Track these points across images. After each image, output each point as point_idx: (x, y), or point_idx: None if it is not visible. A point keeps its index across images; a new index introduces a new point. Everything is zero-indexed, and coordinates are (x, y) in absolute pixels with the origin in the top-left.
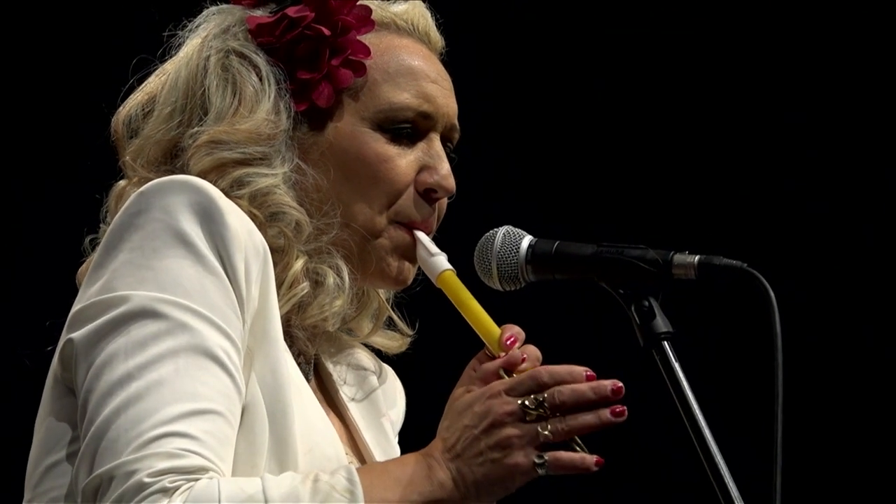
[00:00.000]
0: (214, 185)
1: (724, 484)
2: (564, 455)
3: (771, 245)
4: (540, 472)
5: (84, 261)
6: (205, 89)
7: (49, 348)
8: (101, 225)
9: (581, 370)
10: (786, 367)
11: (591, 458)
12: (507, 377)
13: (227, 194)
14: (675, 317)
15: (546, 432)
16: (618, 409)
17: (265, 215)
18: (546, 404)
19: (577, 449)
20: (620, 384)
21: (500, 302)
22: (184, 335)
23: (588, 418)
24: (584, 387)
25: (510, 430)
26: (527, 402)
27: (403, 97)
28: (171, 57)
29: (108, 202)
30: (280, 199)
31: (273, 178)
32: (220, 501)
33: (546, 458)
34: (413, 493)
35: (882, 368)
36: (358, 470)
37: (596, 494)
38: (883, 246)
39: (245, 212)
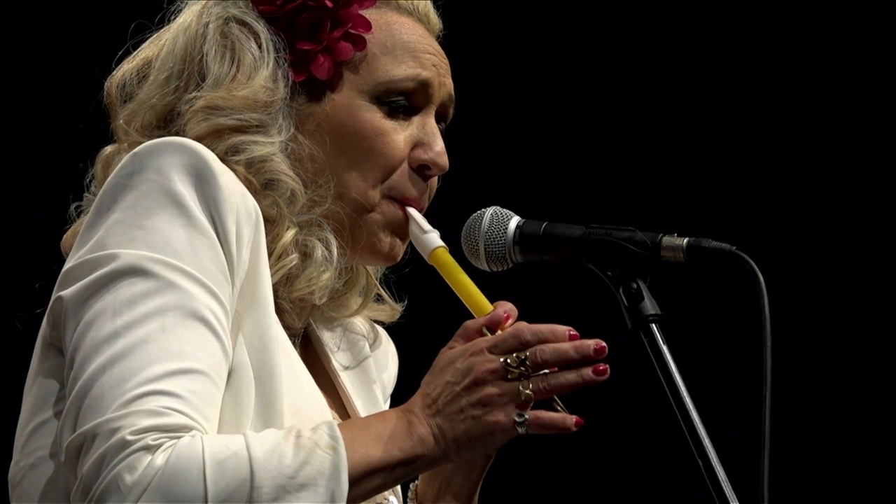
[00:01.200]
0: (211, 149)
1: (712, 467)
2: (545, 414)
3: (760, 228)
4: (520, 430)
5: (68, 227)
6: (203, 55)
7: (39, 310)
8: (86, 193)
9: (564, 329)
10: (774, 351)
11: (570, 419)
12: (490, 335)
13: (223, 159)
14: (663, 299)
15: (527, 391)
16: (600, 368)
17: (260, 182)
18: (528, 362)
19: (558, 409)
20: (603, 343)
21: (492, 283)
22: (172, 294)
23: (570, 377)
24: (566, 345)
25: (491, 388)
26: (509, 360)
27: (401, 69)
28: (168, 23)
29: (94, 168)
30: (277, 167)
31: (270, 146)
32: (203, 458)
33: (526, 416)
34: (394, 449)
35: (872, 353)
36: (339, 425)
37: (584, 479)
38: (874, 230)
39: (241, 178)
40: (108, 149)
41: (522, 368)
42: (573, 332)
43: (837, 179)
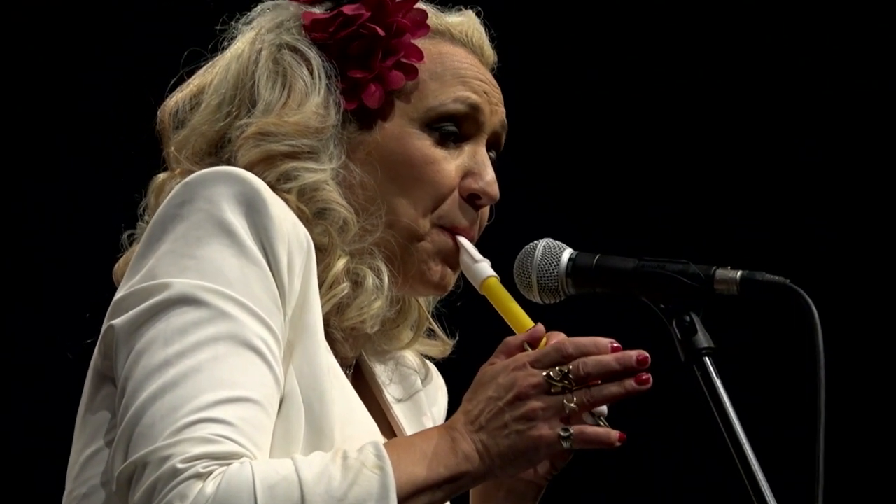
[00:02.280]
0: (262, 177)
1: (765, 499)
2: (589, 429)
3: (816, 261)
4: (565, 444)
5: (121, 255)
6: (255, 81)
7: (89, 341)
8: (139, 222)
9: (606, 341)
10: (828, 385)
11: (614, 433)
12: (531, 350)
13: (274, 187)
14: (716, 333)
15: (571, 404)
16: (643, 377)
17: (312, 211)
18: (571, 376)
19: (602, 423)
20: (646, 354)
21: (544, 315)
22: (224, 323)
23: (613, 388)
24: (608, 357)
25: (535, 403)
26: (552, 374)
27: (451, 92)
28: (222, 50)
29: (147, 196)
30: (329, 196)
31: (322, 173)
32: (253, 483)
33: (571, 431)
34: (440, 467)
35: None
36: (385, 445)
37: None
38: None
39: (292, 207)
40: (161, 176)
41: (566, 382)
42: (616, 344)
43: (863, 222)
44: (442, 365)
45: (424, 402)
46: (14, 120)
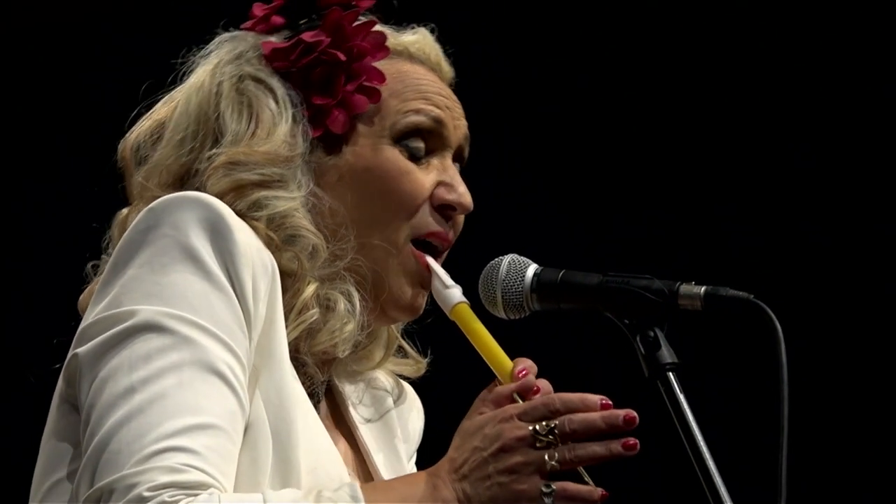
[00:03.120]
0: (232, 206)
1: None
2: (571, 486)
3: (777, 277)
4: (546, 501)
5: (85, 287)
6: (219, 114)
7: (56, 366)
8: (103, 255)
9: (595, 399)
10: (791, 399)
11: (597, 491)
12: (520, 401)
13: (244, 216)
14: (680, 348)
15: (553, 462)
16: (630, 443)
17: (282, 238)
18: (556, 431)
19: (584, 480)
20: (634, 414)
21: (509, 331)
22: (188, 350)
23: (596, 449)
24: (594, 416)
25: (519, 457)
26: (538, 428)
27: (415, 106)
28: (181, 83)
29: (110, 231)
30: (298, 223)
31: (292, 201)
32: None
33: (554, 487)
34: None
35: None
36: (362, 487)
37: None
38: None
39: (262, 235)
40: (124, 211)
41: (551, 437)
42: (605, 402)
43: (855, 224)
44: (417, 384)
45: (396, 423)
46: None
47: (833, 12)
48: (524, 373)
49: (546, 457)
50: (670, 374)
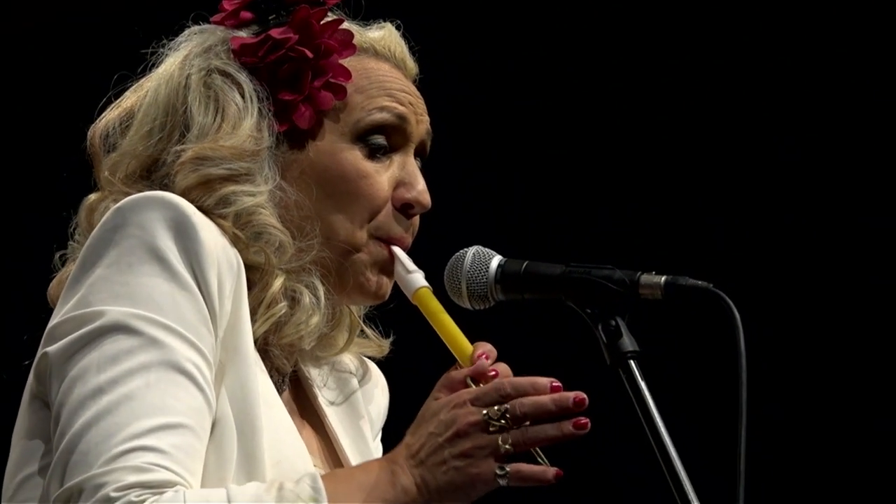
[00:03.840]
0: (200, 201)
1: (688, 499)
2: (525, 467)
3: (740, 265)
4: (501, 482)
5: (54, 276)
6: (187, 106)
7: (26, 363)
8: (70, 242)
9: (545, 382)
10: (750, 386)
11: (551, 471)
12: (474, 386)
13: (211, 212)
14: (642, 336)
15: (507, 445)
16: (581, 422)
17: (248, 235)
18: (508, 415)
19: (539, 461)
20: (583, 396)
21: (475, 320)
22: (155, 350)
23: (548, 430)
24: (545, 399)
25: (473, 441)
26: (490, 413)
27: (379, 103)
28: (149, 72)
29: (77, 217)
30: (264, 220)
31: (259, 196)
32: None
33: (507, 469)
34: (377, 499)
35: (848, 387)
36: (322, 476)
37: None
38: (852, 266)
39: (228, 233)
40: (92, 197)
41: (503, 421)
42: (556, 384)
43: (818, 213)
44: (383, 366)
45: (361, 404)
46: None
47: (811, 2)
48: (484, 356)
49: (500, 440)
50: (631, 362)
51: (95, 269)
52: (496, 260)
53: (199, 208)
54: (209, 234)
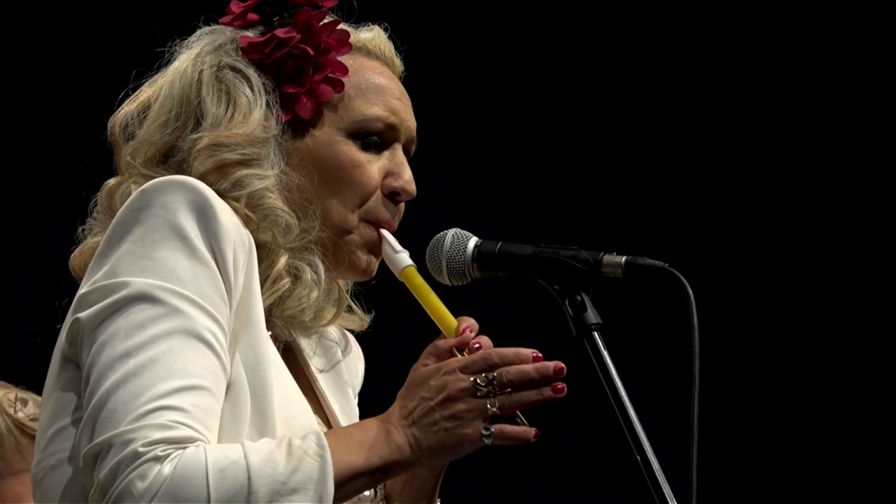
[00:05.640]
0: (216, 185)
1: (650, 463)
2: (508, 428)
3: (701, 246)
4: (486, 441)
5: (75, 247)
6: (201, 99)
7: (57, 326)
8: (89, 219)
9: (528, 352)
10: (703, 360)
11: (531, 431)
12: (460, 355)
13: (226, 195)
14: (605, 311)
15: (494, 408)
16: (558, 387)
17: (258, 216)
18: (495, 382)
19: (520, 422)
20: (562, 365)
21: (455, 295)
22: (177, 318)
23: (531, 395)
24: (528, 367)
25: (462, 405)
26: (478, 380)
27: (373, 110)
28: (164, 68)
29: (98, 197)
30: (273, 203)
31: (267, 179)
32: (206, 466)
33: (492, 429)
34: (374, 456)
35: (797, 364)
36: (325, 434)
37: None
38: (806, 246)
39: (241, 213)
40: (112, 181)
41: (490, 387)
42: (536, 354)
43: (776, 195)
44: (361, 337)
45: (345, 372)
46: None
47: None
48: (468, 329)
49: (488, 404)
50: (595, 334)
51: (122, 244)
52: (473, 241)
53: (215, 191)
54: (226, 215)
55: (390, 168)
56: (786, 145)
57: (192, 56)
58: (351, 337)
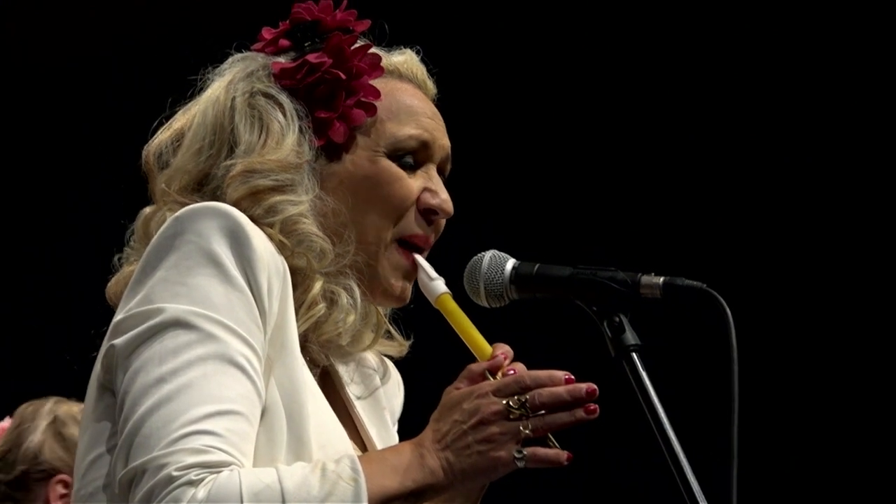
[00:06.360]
0: (250, 211)
1: (688, 481)
2: (541, 451)
3: (738, 267)
4: (519, 464)
5: (111, 276)
6: (234, 126)
7: (93, 354)
8: (126, 248)
9: (561, 375)
10: (742, 381)
11: (563, 454)
12: (492, 378)
13: (259, 221)
14: (644, 332)
15: (527, 430)
16: (591, 408)
17: (292, 242)
18: (528, 405)
19: (552, 445)
20: (594, 387)
21: (492, 318)
22: (211, 344)
23: (564, 416)
24: (561, 389)
25: (495, 428)
26: (511, 403)
27: (406, 130)
28: (196, 96)
29: (134, 226)
30: (307, 228)
31: (301, 205)
32: (240, 490)
33: (525, 452)
34: (408, 480)
35: (838, 385)
36: (360, 458)
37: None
38: (846, 266)
39: (275, 239)
40: (147, 209)
41: (523, 410)
42: (569, 377)
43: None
44: (399, 363)
45: (383, 398)
46: None
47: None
48: (503, 356)
49: (521, 427)
50: (634, 355)
51: (157, 271)
52: (511, 263)
53: (249, 217)
54: (260, 241)
55: (427, 185)
56: (827, 170)
57: (224, 83)
58: (390, 364)
